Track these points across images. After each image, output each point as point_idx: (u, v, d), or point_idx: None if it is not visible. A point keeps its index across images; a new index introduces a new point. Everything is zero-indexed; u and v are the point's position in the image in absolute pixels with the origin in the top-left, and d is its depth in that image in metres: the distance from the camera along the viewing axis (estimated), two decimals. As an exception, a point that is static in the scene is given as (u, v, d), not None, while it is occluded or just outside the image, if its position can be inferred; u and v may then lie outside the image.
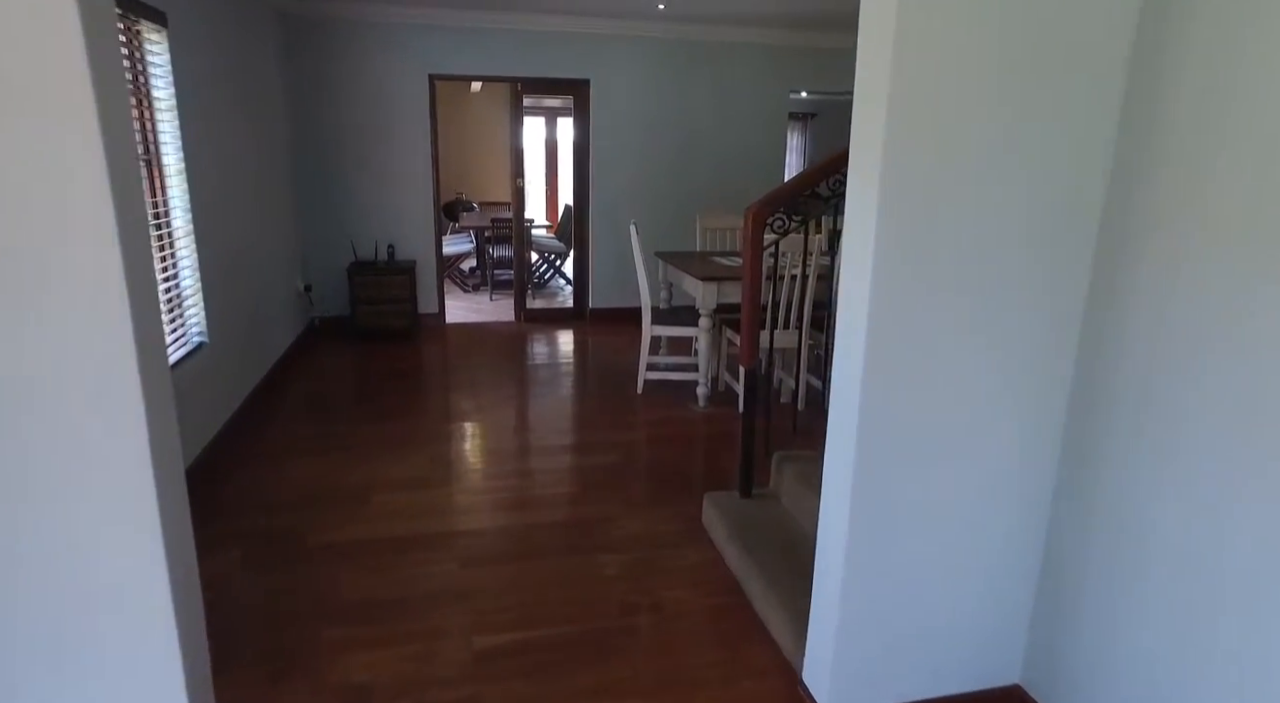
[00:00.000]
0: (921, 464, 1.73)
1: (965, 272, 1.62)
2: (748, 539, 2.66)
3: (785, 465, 2.95)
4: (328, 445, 3.74)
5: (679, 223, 6.32)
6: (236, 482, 3.32)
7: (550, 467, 3.62)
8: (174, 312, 3.36)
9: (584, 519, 3.06)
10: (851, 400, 1.68)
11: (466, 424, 4.20)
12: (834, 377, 1.78)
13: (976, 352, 1.68)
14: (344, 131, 5.81)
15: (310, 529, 2.92)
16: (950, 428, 1.72)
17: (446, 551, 2.79)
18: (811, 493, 2.69)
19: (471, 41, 5.84)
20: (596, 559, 2.76)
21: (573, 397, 4.75)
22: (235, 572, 2.63)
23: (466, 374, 5.18)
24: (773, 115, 6.58)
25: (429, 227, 6.14)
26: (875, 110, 1.54)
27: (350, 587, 2.55)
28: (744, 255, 2.73)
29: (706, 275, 4.17)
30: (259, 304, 4.50)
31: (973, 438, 1.74)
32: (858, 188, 1.64)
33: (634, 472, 3.56)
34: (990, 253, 1.61)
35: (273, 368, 4.67)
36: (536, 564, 2.72)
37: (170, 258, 3.34)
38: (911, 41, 1.46)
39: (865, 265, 1.59)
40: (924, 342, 1.64)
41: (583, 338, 6.16)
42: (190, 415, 3.33)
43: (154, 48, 3.11)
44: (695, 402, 4.42)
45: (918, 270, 1.59)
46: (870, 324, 1.60)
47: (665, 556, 2.80)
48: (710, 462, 3.75)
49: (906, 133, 1.52)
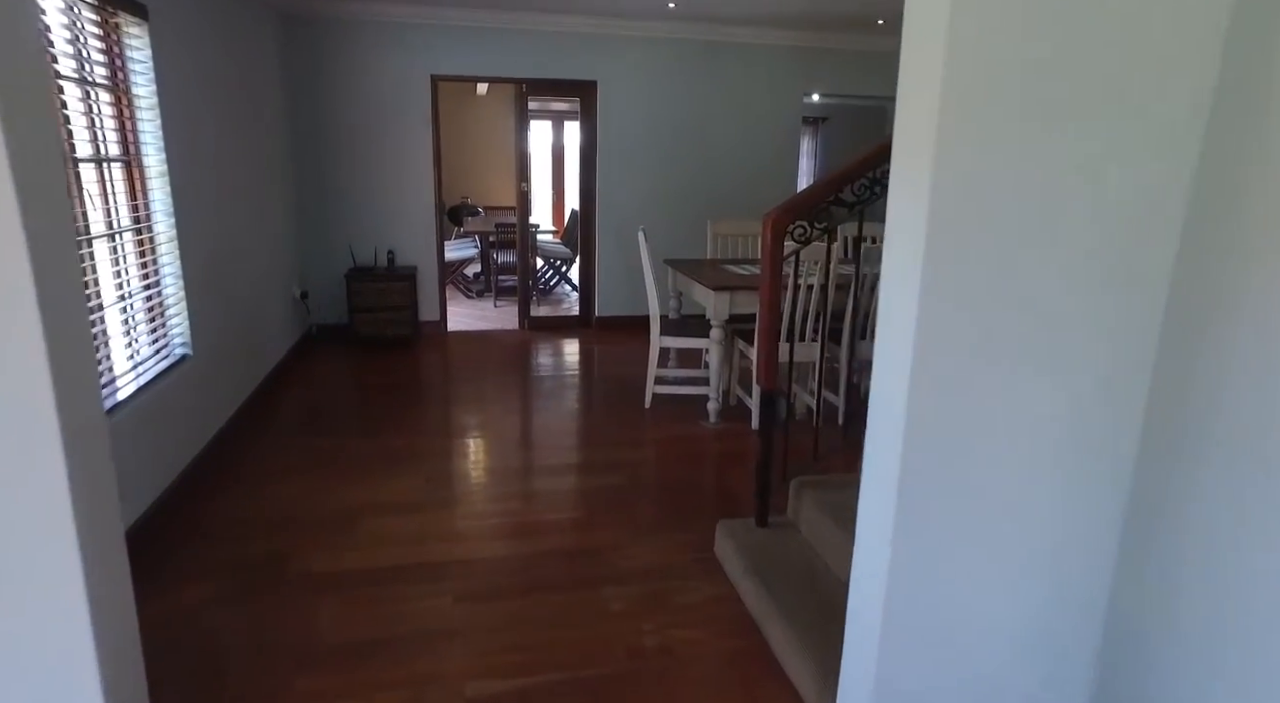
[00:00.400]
0: (973, 508, 1.52)
1: (1025, 292, 1.41)
2: (765, 574, 2.45)
3: (805, 492, 2.73)
4: (318, 463, 3.54)
5: (688, 229, 6.11)
6: (218, 502, 3.12)
7: (553, 488, 3.41)
8: (155, 322, 3.17)
9: (588, 547, 2.85)
10: (892, 434, 1.47)
11: (465, 440, 3.99)
12: (873, 406, 1.57)
13: (1035, 382, 1.46)
14: (343, 133, 5.62)
15: (292, 556, 2.72)
16: (1005, 467, 1.50)
17: (439, 582, 2.58)
18: (834, 523, 2.48)
19: (475, 41, 5.66)
20: (601, 594, 2.54)
21: (578, 411, 4.55)
22: (206, 606, 2.43)
23: (467, 386, 4.97)
24: (786, 118, 6.38)
25: (430, 232, 5.95)
26: (923, 119, 1.33)
27: (331, 625, 2.34)
28: (762, 266, 2.53)
29: (719, 285, 3.96)
30: (251, 313, 4.31)
31: (1030, 481, 1.53)
32: (903, 197, 1.43)
33: (642, 494, 3.34)
34: (1052, 273, 1.40)
35: (265, 379, 4.48)
36: (537, 600, 2.51)
37: (152, 265, 3.15)
38: (966, 42, 1.25)
39: (912, 281, 1.38)
40: (977, 367, 1.43)
41: (588, 347, 5.96)
42: (171, 433, 3.14)
43: (134, 42, 2.93)
44: (706, 417, 4.20)
45: (971, 288, 1.38)
46: (917, 345, 1.39)
47: (675, 590, 2.58)
48: (722, 482, 3.54)
49: (961, 139, 1.31)
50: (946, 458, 1.47)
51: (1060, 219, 1.37)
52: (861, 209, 2.59)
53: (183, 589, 2.51)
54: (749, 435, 4.02)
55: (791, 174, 6.58)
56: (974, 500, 1.51)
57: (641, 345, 4.77)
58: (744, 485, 3.42)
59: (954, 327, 1.40)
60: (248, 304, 4.26)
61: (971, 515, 1.52)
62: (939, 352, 1.41)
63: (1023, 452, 1.50)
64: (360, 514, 3.04)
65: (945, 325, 1.39)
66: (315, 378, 4.93)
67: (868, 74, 6.38)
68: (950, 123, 1.30)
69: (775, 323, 2.56)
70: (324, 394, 4.66)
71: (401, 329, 5.61)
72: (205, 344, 3.52)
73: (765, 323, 2.52)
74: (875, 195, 2.59)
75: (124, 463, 2.77)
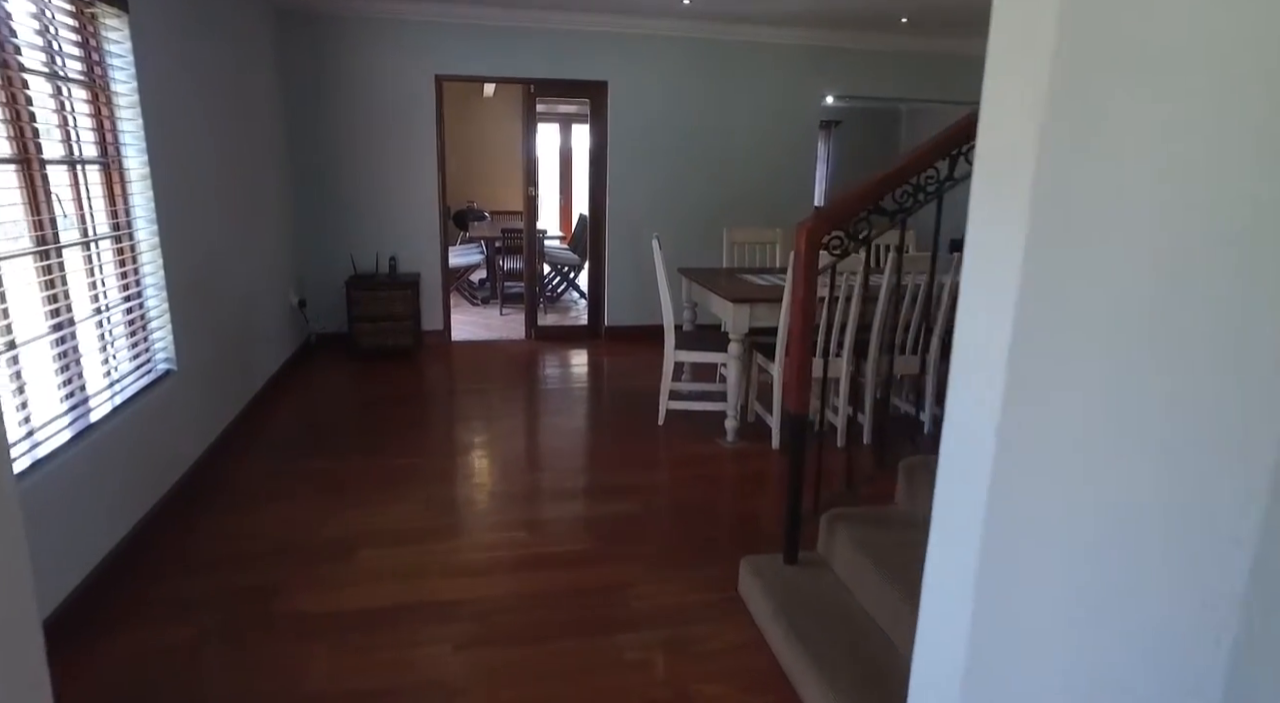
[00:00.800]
0: (1069, 582, 1.28)
1: (1146, 318, 1.16)
2: (796, 621, 2.21)
3: (838, 527, 2.49)
4: (312, 485, 3.31)
5: (701, 235, 5.89)
6: (204, 529, 2.90)
7: (561, 515, 3.18)
8: (136, 336, 2.95)
9: (600, 585, 2.61)
10: (975, 487, 1.23)
11: (469, 459, 3.77)
12: (946, 444, 1.33)
13: (1159, 430, 1.22)
14: (344, 135, 5.41)
15: (281, 592, 2.49)
16: (1110, 548, 1.26)
17: (438, 626, 2.35)
18: (872, 564, 2.24)
19: (481, 40, 5.44)
20: (615, 641, 2.31)
21: (587, 428, 4.31)
22: (179, 653, 2.20)
23: (471, 400, 4.75)
24: (803, 120, 6.15)
25: (434, 237, 5.74)
26: (1023, 120, 1.10)
27: (318, 676, 2.11)
28: (794, 279, 2.29)
29: (738, 296, 3.73)
30: (243, 324, 4.09)
31: (1137, 556, 1.28)
32: (992, 202, 1.19)
33: (657, 522, 3.11)
34: (1185, 301, 1.16)
35: (258, 393, 4.26)
36: (544, 648, 2.27)
37: (132, 275, 2.93)
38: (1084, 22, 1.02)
39: (1005, 301, 1.14)
40: (1087, 407, 1.19)
41: (598, 359, 5.73)
42: (153, 454, 2.92)
43: (113, 34, 2.71)
44: (723, 436, 3.97)
45: (1081, 314, 1.14)
46: (1010, 380, 1.15)
47: (696, 636, 2.35)
48: (743, 509, 3.30)
49: (1073, 137, 1.07)
50: (1046, 516, 1.23)
51: (1197, 243, 1.13)
52: (904, 218, 2.36)
53: (163, 628, 2.29)
54: (769, 456, 3.79)
55: (809, 179, 6.34)
56: (1071, 573, 1.27)
57: (653, 356, 4.55)
58: (766, 512, 3.19)
59: (1059, 360, 1.16)
60: (239, 315, 4.04)
61: (1067, 593, 1.28)
62: (1041, 387, 1.17)
63: (1147, 516, 1.26)
64: (355, 544, 2.82)
65: (1048, 359, 1.16)
66: (312, 391, 4.71)
67: (886, 75, 6.15)
68: (1062, 120, 1.06)
69: (809, 341, 2.32)
70: (320, 409, 4.44)
71: (403, 339, 5.39)
72: (191, 359, 3.30)
73: (798, 342, 2.28)
74: (919, 203, 2.35)
75: (99, 489, 2.56)
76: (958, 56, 6.16)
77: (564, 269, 7.72)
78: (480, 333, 6.41)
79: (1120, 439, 1.20)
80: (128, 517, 2.73)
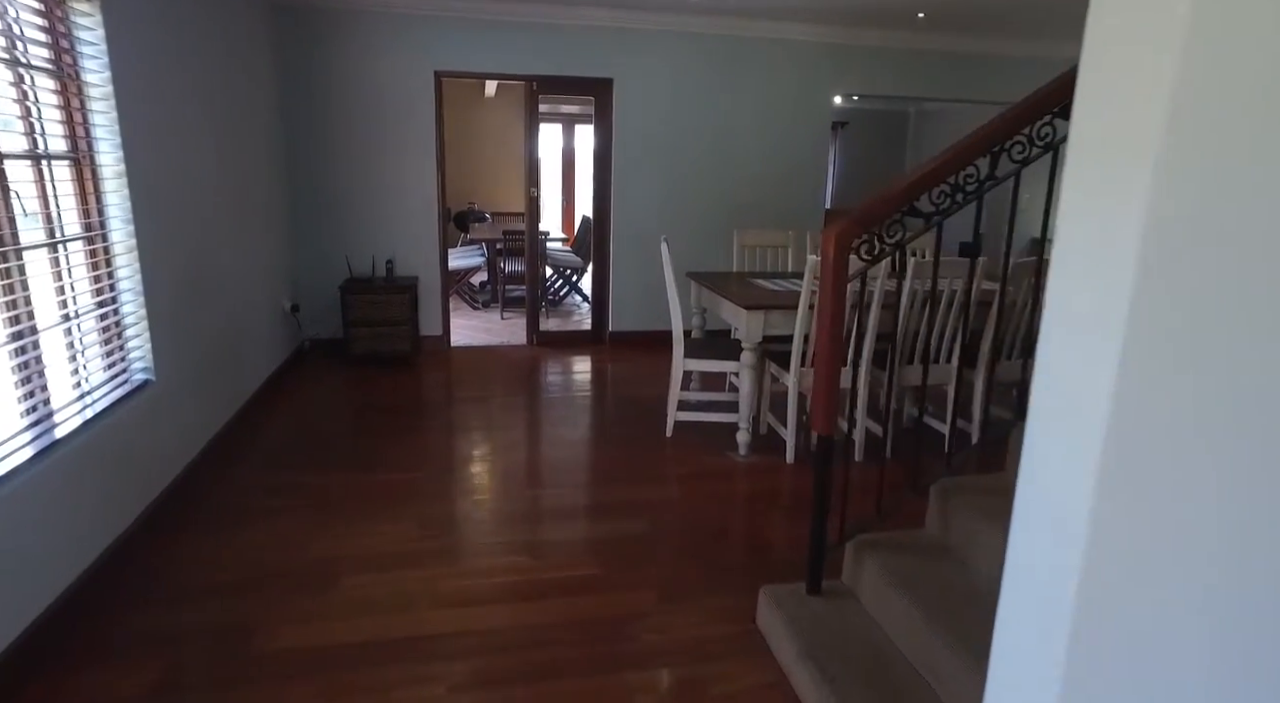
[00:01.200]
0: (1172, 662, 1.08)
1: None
2: (824, 662, 2.01)
3: (865, 555, 2.29)
4: (299, 503, 3.11)
5: (709, 238, 5.70)
6: (180, 554, 2.70)
7: (565, 536, 2.97)
8: (110, 344, 2.76)
9: (607, 616, 2.41)
10: (1068, 546, 1.03)
11: (466, 474, 3.57)
12: (1023, 486, 1.13)
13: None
14: (340, 132, 5.22)
15: (260, 628, 2.29)
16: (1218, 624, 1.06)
17: (431, 665, 2.15)
18: (906, 600, 2.04)
19: (482, 36, 5.25)
20: (624, 681, 2.11)
21: (592, 440, 4.11)
22: (153, 693, 2.00)
23: (470, 409, 4.55)
24: (814, 120, 5.95)
25: (433, 239, 5.54)
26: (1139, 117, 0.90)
27: (298, 724, 1.92)
28: (822, 287, 2.09)
29: (751, 303, 3.53)
30: (230, 330, 3.90)
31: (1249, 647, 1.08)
32: (1092, 203, 0.99)
33: (667, 544, 2.90)
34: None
35: (246, 403, 4.06)
36: (545, 690, 2.07)
37: (106, 279, 2.74)
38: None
39: (1113, 323, 0.94)
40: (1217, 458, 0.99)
41: (602, 366, 5.53)
42: (127, 471, 2.72)
43: (83, 20, 2.52)
44: (735, 449, 3.77)
45: (1214, 347, 0.94)
46: (1115, 418, 0.95)
47: (713, 675, 2.14)
48: (758, 529, 3.10)
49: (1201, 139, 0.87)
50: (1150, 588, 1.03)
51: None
52: (940, 220, 2.16)
53: (129, 669, 2.09)
54: (784, 471, 3.59)
55: (822, 180, 6.15)
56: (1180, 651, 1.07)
57: (659, 363, 4.36)
58: (783, 534, 2.99)
59: (1183, 398, 0.96)
60: (227, 320, 3.84)
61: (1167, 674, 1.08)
62: (1154, 429, 0.97)
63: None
64: (341, 570, 2.62)
65: (1165, 397, 0.96)
66: (303, 401, 4.51)
67: (902, 73, 5.95)
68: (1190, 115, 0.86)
69: (838, 355, 2.12)
70: (311, 420, 4.23)
71: (400, 344, 5.19)
72: (172, 368, 3.10)
73: (826, 358, 2.08)
74: (957, 204, 2.16)
75: (67, 510, 2.36)
76: (975, 55, 5.97)
77: (566, 272, 7.53)
78: (480, 338, 6.22)
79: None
80: (99, 539, 2.53)
